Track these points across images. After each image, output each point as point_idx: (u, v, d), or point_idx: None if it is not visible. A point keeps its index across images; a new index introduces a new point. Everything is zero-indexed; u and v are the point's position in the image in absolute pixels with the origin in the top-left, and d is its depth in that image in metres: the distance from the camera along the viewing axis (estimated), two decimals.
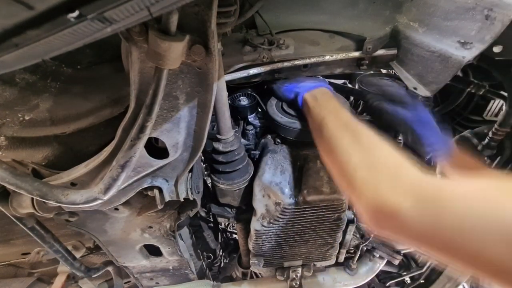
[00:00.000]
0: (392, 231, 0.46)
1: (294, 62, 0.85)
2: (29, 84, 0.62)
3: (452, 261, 0.40)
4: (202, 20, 0.47)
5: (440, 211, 0.40)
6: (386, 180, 0.47)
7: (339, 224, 0.92)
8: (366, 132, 0.59)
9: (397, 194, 0.44)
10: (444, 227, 0.39)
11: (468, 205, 0.38)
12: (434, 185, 0.43)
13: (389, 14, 0.84)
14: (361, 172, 0.51)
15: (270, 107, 0.93)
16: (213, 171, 0.87)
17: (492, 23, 0.61)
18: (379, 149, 0.54)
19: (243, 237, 1.10)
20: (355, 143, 0.57)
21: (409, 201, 0.43)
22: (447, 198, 0.40)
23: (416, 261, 1.46)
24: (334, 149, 0.60)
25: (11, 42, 0.28)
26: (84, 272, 0.95)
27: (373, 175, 0.49)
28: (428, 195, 0.42)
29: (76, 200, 0.59)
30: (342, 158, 0.57)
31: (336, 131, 0.62)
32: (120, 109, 0.65)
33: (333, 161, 0.61)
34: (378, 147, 0.55)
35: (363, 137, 0.58)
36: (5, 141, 0.64)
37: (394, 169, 0.48)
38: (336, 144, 0.60)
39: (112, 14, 0.27)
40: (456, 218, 0.38)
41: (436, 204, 0.40)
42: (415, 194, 0.43)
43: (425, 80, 0.76)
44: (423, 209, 0.41)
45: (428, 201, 0.41)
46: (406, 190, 0.44)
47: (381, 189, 0.47)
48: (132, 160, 0.55)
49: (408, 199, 0.43)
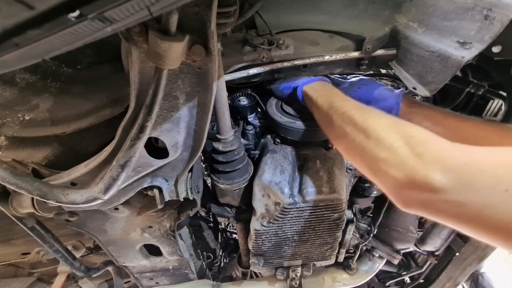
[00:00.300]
0: (422, 205, 0.45)
1: (293, 62, 0.85)
2: (29, 84, 0.62)
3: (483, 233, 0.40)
4: (202, 20, 0.47)
5: (470, 181, 0.39)
6: (411, 154, 0.46)
7: (339, 224, 0.92)
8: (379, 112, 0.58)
9: (425, 167, 0.43)
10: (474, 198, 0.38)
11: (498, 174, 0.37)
12: (462, 155, 0.42)
13: (388, 14, 0.84)
14: (382, 151, 0.50)
15: (270, 107, 0.93)
16: (213, 171, 0.88)
17: (491, 23, 0.61)
18: (399, 124, 0.53)
19: (243, 236, 1.10)
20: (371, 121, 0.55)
21: (438, 173, 0.41)
22: (476, 168, 0.39)
23: (415, 260, 1.46)
24: (349, 133, 0.58)
25: (11, 41, 0.28)
26: (84, 272, 0.95)
27: (396, 151, 0.48)
28: (456, 165, 0.41)
29: (76, 200, 0.59)
30: (360, 140, 0.55)
31: (348, 113, 0.61)
32: (120, 109, 0.65)
33: (348, 145, 0.60)
34: (397, 123, 0.53)
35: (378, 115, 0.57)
36: (5, 141, 0.64)
37: (419, 142, 0.47)
38: (351, 126, 0.58)
39: (112, 13, 0.27)
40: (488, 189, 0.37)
41: (466, 174, 0.40)
42: (443, 165, 0.42)
43: (424, 80, 0.76)
44: (453, 180, 0.40)
45: (457, 171, 0.40)
46: (434, 162, 0.43)
47: (408, 164, 0.45)
48: (132, 160, 0.55)
49: (437, 170, 0.42)
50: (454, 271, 1.28)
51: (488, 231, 0.39)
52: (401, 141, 0.48)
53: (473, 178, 0.39)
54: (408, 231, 1.18)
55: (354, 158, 0.59)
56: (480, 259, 1.16)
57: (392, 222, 1.20)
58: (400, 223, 1.19)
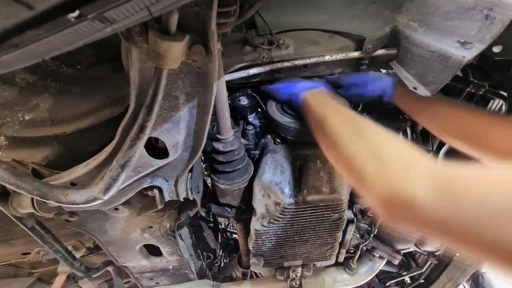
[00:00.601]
0: (407, 221, 0.45)
1: (294, 62, 0.85)
2: (29, 84, 0.62)
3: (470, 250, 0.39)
4: (202, 20, 0.47)
5: (456, 198, 0.39)
6: (398, 170, 0.46)
7: (339, 224, 0.92)
8: (371, 126, 0.58)
9: (410, 183, 0.43)
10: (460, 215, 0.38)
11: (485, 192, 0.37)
12: (448, 172, 0.42)
13: (389, 14, 0.84)
14: (370, 165, 0.50)
15: (270, 107, 0.93)
16: (213, 171, 0.88)
17: (492, 22, 0.61)
18: (387, 141, 0.53)
19: (243, 237, 1.10)
20: (361, 136, 0.56)
21: (424, 189, 0.41)
22: (463, 185, 0.39)
23: (416, 261, 1.46)
24: (339, 144, 0.58)
25: (11, 42, 0.28)
26: (84, 272, 0.95)
27: (383, 167, 0.48)
28: (443, 182, 0.41)
29: (76, 200, 0.59)
30: (349, 152, 0.55)
31: (340, 126, 0.62)
32: (120, 109, 0.65)
33: (338, 156, 0.60)
34: (385, 139, 0.54)
35: (368, 130, 0.57)
36: (5, 141, 0.64)
37: (405, 159, 0.47)
38: (341, 138, 0.59)
39: (112, 14, 0.27)
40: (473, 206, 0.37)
41: (452, 191, 0.39)
42: (429, 182, 0.42)
43: (425, 80, 0.76)
44: (438, 197, 0.40)
45: (443, 188, 0.40)
46: (420, 178, 0.43)
47: (394, 180, 0.45)
48: (132, 160, 0.55)
49: (423, 187, 0.41)
50: (455, 272, 1.28)
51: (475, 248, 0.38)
52: (388, 157, 0.49)
53: (459, 195, 0.39)
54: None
55: (342, 169, 0.60)
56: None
57: None
58: None
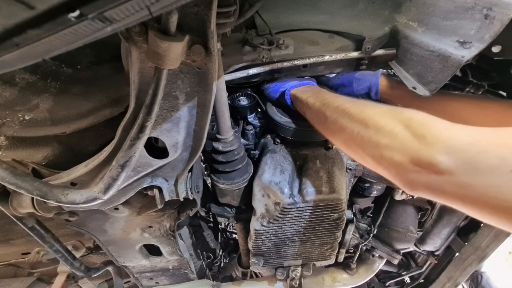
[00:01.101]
0: (427, 188, 0.45)
1: (293, 62, 0.85)
2: (29, 84, 0.62)
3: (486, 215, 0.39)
4: (202, 20, 0.47)
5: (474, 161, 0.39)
6: (413, 137, 0.46)
7: (339, 224, 0.92)
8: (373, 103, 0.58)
9: (428, 148, 0.43)
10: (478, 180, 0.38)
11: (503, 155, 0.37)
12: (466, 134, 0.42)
13: (388, 14, 0.84)
14: (384, 138, 0.49)
15: (270, 107, 0.94)
16: (213, 171, 0.88)
17: (491, 22, 0.61)
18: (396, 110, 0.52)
19: (242, 236, 1.11)
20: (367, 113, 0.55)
21: (443, 154, 0.41)
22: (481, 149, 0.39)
23: (415, 260, 1.46)
24: (347, 125, 0.58)
25: (11, 41, 0.28)
26: (84, 272, 0.95)
27: (398, 136, 0.48)
28: (461, 145, 0.41)
29: (76, 199, 0.59)
30: (358, 129, 0.55)
31: (342, 106, 0.61)
32: (120, 109, 0.65)
33: (347, 137, 0.59)
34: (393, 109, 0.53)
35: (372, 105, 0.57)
36: (5, 141, 0.64)
37: (419, 124, 0.46)
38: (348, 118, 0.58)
39: (112, 13, 0.27)
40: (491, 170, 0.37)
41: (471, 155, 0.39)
42: (447, 145, 0.41)
43: (424, 79, 0.76)
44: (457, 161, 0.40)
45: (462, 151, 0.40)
46: (437, 142, 0.42)
47: (411, 147, 0.45)
48: (132, 160, 0.55)
49: (441, 151, 0.41)
50: (454, 271, 1.28)
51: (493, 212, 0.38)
52: (401, 126, 0.48)
53: (478, 159, 0.38)
54: (408, 231, 1.18)
55: (355, 150, 0.59)
56: (480, 259, 1.15)
57: (392, 222, 1.21)
58: (400, 223, 1.19)
